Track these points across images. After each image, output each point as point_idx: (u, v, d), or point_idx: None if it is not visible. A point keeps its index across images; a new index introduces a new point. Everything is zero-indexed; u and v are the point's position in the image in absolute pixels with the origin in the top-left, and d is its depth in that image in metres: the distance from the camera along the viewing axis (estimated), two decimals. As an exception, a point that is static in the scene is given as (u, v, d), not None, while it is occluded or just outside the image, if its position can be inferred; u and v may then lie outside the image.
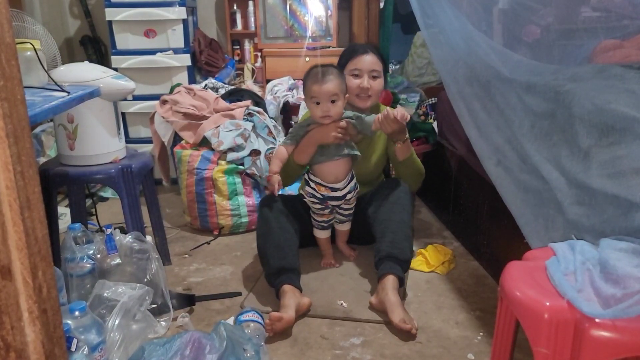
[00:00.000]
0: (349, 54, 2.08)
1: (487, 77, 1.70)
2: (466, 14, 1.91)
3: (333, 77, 1.86)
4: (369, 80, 2.03)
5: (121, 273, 1.68)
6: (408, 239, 1.90)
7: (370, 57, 2.04)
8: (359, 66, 2.03)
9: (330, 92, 1.85)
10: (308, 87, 1.88)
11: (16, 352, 0.66)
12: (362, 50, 2.06)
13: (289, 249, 1.86)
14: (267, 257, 1.86)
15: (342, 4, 3.68)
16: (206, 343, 1.27)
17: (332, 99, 1.86)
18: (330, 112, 1.87)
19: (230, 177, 2.46)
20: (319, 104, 1.86)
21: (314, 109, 1.89)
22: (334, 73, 1.87)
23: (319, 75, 1.86)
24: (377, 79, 2.04)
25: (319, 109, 1.87)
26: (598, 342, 0.91)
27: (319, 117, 1.89)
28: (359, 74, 2.03)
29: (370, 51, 2.05)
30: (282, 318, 1.62)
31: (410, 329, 1.61)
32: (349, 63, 2.06)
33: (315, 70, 1.89)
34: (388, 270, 1.80)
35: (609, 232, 1.14)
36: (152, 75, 3.17)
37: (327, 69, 1.89)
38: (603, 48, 1.57)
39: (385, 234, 1.88)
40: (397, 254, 1.83)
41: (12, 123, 0.63)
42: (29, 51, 1.51)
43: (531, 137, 1.44)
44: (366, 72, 2.03)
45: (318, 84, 1.85)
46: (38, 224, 0.68)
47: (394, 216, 1.91)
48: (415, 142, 2.58)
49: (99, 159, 1.82)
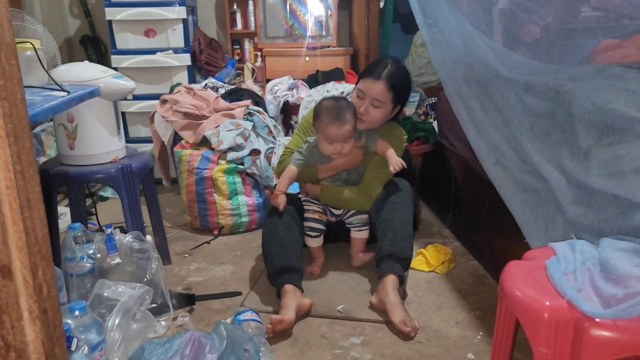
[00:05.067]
0: (366, 71, 1.96)
1: (486, 77, 1.70)
2: (466, 13, 1.91)
3: (349, 116, 1.84)
4: (368, 107, 1.90)
5: (121, 272, 1.68)
6: (409, 238, 1.90)
7: (380, 85, 1.88)
8: (364, 89, 1.91)
9: (346, 135, 1.85)
10: (322, 127, 1.86)
11: (16, 352, 0.66)
12: (376, 74, 1.90)
13: (293, 249, 1.86)
14: (271, 255, 1.86)
15: (342, 4, 3.68)
16: (206, 342, 1.27)
17: (346, 140, 1.87)
18: (343, 149, 1.89)
19: (230, 177, 2.46)
20: (332, 143, 1.87)
21: (325, 146, 1.89)
22: (349, 111, 1.85)
23: (336, 114, 1.83)
24: (378, 108, 1.91)
25: (331, 147, 1.88)
26: (598, 341, 0.91)
27: (330, 153, 1.91)
28: (363, 97, 1.92)
29: (383, 79, 1.88)
30: (282, 320, 1.62)
31: (410, 332, 1.61)
32: (360, 80, 1.96)
33: (328, 106, 1.86)
34: (389, 269, 1.80)
35: (608, 231, 1.14)
36: (152, 74, 3.17)
37: (341, 106, 1.85)
38: (603, 48, 1.57)
39: (386, 233, 1.88)
40: (398, 253, 1.83)
41: (12, 122, 0.63)
42: (29, 51, 1.51)
43: (530, 137, 1.44)
44: (369, 98, 1.90)
45: (336, 126, 1.83)
46: (38, 224, 0.68)
47: (395, 215, 1.90)
48: (415, 142, 2.58)
49: (98, 158, 1.82)
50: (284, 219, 1.91)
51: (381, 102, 1.89)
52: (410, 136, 2.58)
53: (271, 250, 1.87)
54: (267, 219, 1.96)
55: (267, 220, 1.95)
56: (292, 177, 1.95)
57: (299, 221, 1.96)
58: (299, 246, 1.92)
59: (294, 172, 1.94)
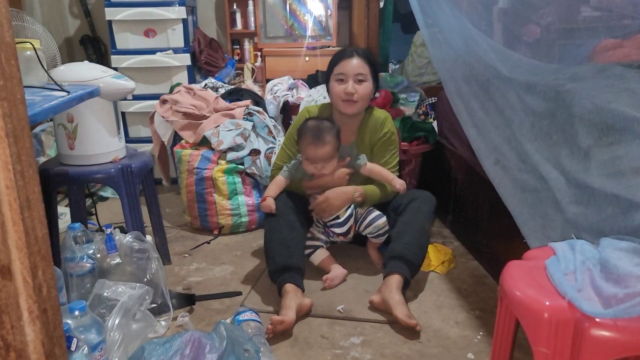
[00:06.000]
0: (335, 59, 1.99)
1: (486, 76, 1.70)
2: (466, 13, 1.91)
3: (329, 138, 1.89)
4: (354, 84, 1.92)
5: (121, 273, 1.68)
6: (424, 249, 1.91)
7: (356, 60, 1.93)
8: (344, 70, 1.93)
9: (326, 156, 1.90)
10: (304, 147, 1.92)
11: (16, 352, 0.66)
12: (348, 53, 1.96)
13: (295, 248, 1.86)
14: (273, 253, 1.85)
15: (342, 4, 3.67)
16: (206, 342, 1.27)
17: (326, 160, 1.91)
18: (324, 170, 1.93)
19: (230, 177, 2.46)
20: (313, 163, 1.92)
21: (307, 165, 1.94)
22: (331, 133, 1.89)
23: (316, 135, 1.88)
24: (363, 82, 1.93)
25: (313, 167, 1.93)
26: (598, 341, 0.91)
27: (312, 173, 1.95)
28: (344, 79, 1.93)
29: (356, 54, 1.95)
30: (283, 321, 1.62)
31: (416, 324, 1.61)
32: (335, 68, 1.97)
33: (311, 127, 1.90)
34: (397, 269, 1.79)
35: (607, 231, 1.14)
36: (152, 74, 3.17)
37: (322, 127, 1.89)
38: (603, 47, 1.57)
39: (402, 235, 1.87)
40: (410, 257, 1.83)
41: (12, 122, 0.63)
42: (29, 51, 1.50)
43: (530, 137, 1.44)
44: (351, 76, 1.92)
45: (314, 146, 1.88)
46: (38, 224, 0.68)
47: (415, 222, 1.90)
48: (415, 142, 2.58)
49: (98, 158, 1.82)
50: (287, 217, 1.90)
51: (364, 76, 1.94)
52: (410, 136, 2.58)
53: (273, 249, 1.86)
54: (269, 217, 1.94)
55: (270, 218, 1.94)
56: (280, 185, 1.99)
57: (301, 219, 1.95)
58: (301, 245, 1.91)
59: (282, 181, 1.99)
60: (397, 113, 2.77)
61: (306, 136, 1.91)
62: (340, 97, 1.95)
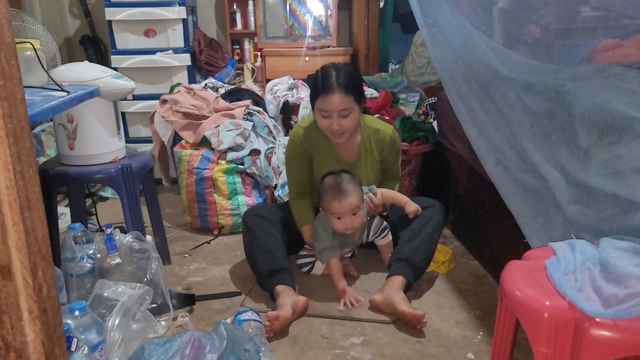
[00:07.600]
0: (315, 92, 1.89)
1: (486, 77, 1.70)
2: (466, 13, 1.91)
3: (352, 187, 1.81)
4: (339, 119, 1.85)
5: (121, 273, 1.68)
6: (429, 255, 1.92)
7: (338, 96, 1.82)
8: (326, 107, 1.85)
9: (352, 206, 1.81)
10: (327, 203, 1.83)
11: (16, 352, 0.66)
12: (328, 88, 1.83)
13: (276, 251, 1.86)
14: (256, 263, 1.86)
15: (342, 4, 3.68)
16: (206, 342, 1.27)
17: (354, 211, 1.83)
18: (355, 223, 1.84)
19: (230, 177, 2.46)
20: (340, 218, 1.83)
21: (335, 223, 1.85)
22: (352, 182, 1.82)
23: (337, 188, 1.80)
24: (349, 116, 1.85)
25: (341, 223, 1.84)
26: (598, 341, 0.91)
27: (343, 230, 1.86)
28: (328, 116, 1.86)
29: (337, 88, 1.82)
30: (279, 316, 1.62)
31: (423, 314, 1.63)
32: (316, 102, 1.89)
33: (329, 183, 1.83)
34: (401, 271, 1.81)
35: (607, 231, 1.14)
36: (152, 74, 3.17)
37: (342, 179, 1.82)
38: (603, 47, 1.57)
39: (412, 240, 1.88)
40: (416, 262, 1.84)
41: (11, 123, 0.63)
42: (29, 51, 1.51)
43: (530, 137, 1.44)
44: (335, 112, 1.84)
45: (337, 200, 1.80)
46: (38, 224, 0.68)
47: (426, 229, 1.91)
48: (415, 142, 2.58)
49: (98, 158, 1.82)
50: (261, 226, 1.91)
51: (348, 110, 1.85)
52: (411, 136, 2.58)
53: (256, 259, 1.87)
54: (245, 232, 1.96)
55: (245, 233, 1.95)
56: (340, 268, 1.89)
57: (276, 224, 1.95)
58: (281, 247, 1.89)
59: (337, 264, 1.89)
60: (397, 113, 2.77)
61: (327, 193, 1.83)
62: (326, 131, 1.92)
